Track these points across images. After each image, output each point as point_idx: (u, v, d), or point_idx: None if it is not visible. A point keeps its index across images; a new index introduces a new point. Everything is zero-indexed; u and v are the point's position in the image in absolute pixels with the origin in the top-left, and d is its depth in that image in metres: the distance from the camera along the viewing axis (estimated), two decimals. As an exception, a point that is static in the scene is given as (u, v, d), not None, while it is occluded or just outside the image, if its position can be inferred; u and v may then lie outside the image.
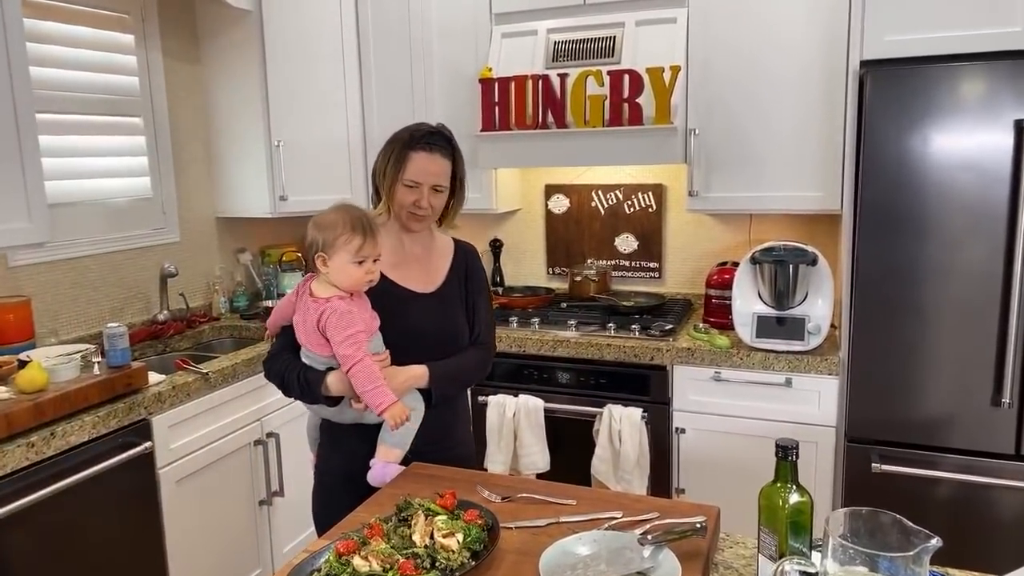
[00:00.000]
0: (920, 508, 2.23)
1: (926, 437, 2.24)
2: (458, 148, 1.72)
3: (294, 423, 2.66)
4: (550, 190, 3.25)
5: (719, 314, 2.72)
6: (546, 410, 2.67)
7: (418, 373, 1.63)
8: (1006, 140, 2.05)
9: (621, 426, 2.56)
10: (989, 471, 2.18)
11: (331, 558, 1.10)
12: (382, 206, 1.70)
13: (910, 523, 0.86)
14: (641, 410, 2.56)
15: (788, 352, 2.44)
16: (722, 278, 2.73)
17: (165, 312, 2.88)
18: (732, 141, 2.64)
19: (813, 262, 2.46)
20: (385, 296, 1.64)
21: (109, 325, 2.14)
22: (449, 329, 1.73)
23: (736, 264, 2.66)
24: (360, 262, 1.53)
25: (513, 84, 2.67)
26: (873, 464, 2.24)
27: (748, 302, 2.54)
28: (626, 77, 2.53)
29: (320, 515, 1.73)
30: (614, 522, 1.25)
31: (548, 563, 1.10)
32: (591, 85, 2.59)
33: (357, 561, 1.08)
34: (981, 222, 2.11)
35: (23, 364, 2.02)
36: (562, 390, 2.71)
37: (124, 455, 2.06)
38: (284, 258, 3.30)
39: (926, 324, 2.21)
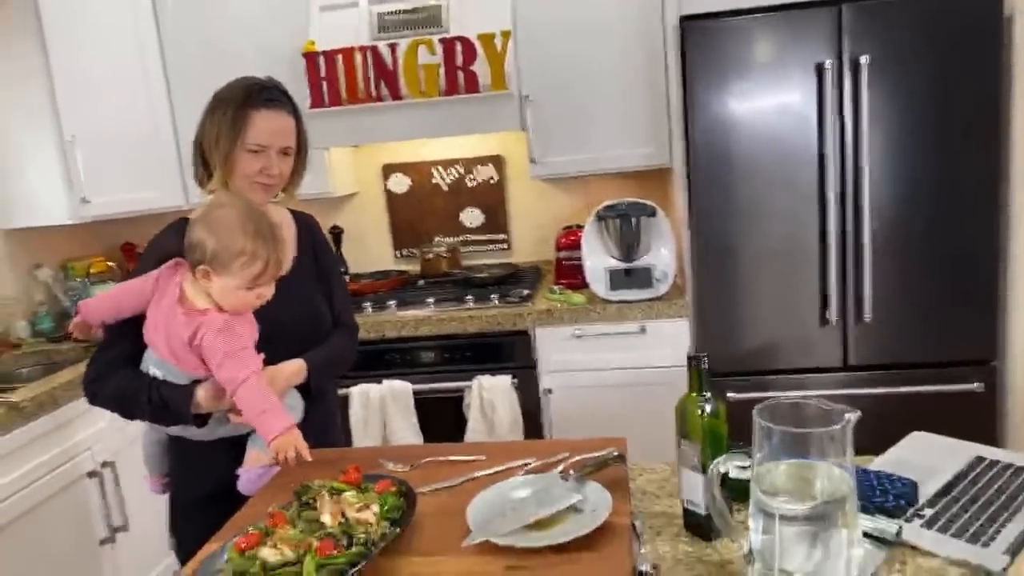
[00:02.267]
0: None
1: (768, 362, 2.44)
2: (296, 104, 1.54)
3: (133, 447, 2.36)
4: (388, 170, 3.14)
5: (571, 275, 2.78)
6: (414, 392, 2.59)
7: (296, 368, 1.45)
8: (810, 82, 2.27)
9: (493, 395, 2.54)
10: (823, 384, 2.41)
11: (232, 556, 0.97)
12: (216, 181, 1.45)
13: (828, 404, 0.90)
14: (510, 376, 2.56)
15: (640, 300, 2.54)
16: (569, 240, 2.79)
17: (-50, 344, 2.44)
18: (564, 104, 2.69)
19: (652, 214, 2.58)
20: None
21: None
22: (310, 314, 1.56)
23: (580, 227, 2.72)
24: (251, 288, 1.31)
25: (341, 57, 2.54)
26: (729, 394, 2.40)
27: (598, 259, 2.61)
28: (459, 44, 2.50)
29: (185, 544, 1.48)
30: (528, 467, 1.21)
31: (476, 514, 1.04)
32: (423, 55, 2.52)
33: (265, 552, 0.96)
34: (797, 160, 2.32)
35: None
36: (428, 370, 2.64)
37: None
38: (92, 269, 2.93)
39: (758, 260, 2.39)
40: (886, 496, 1.08)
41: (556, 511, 1.03)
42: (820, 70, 2.25)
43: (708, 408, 1.04)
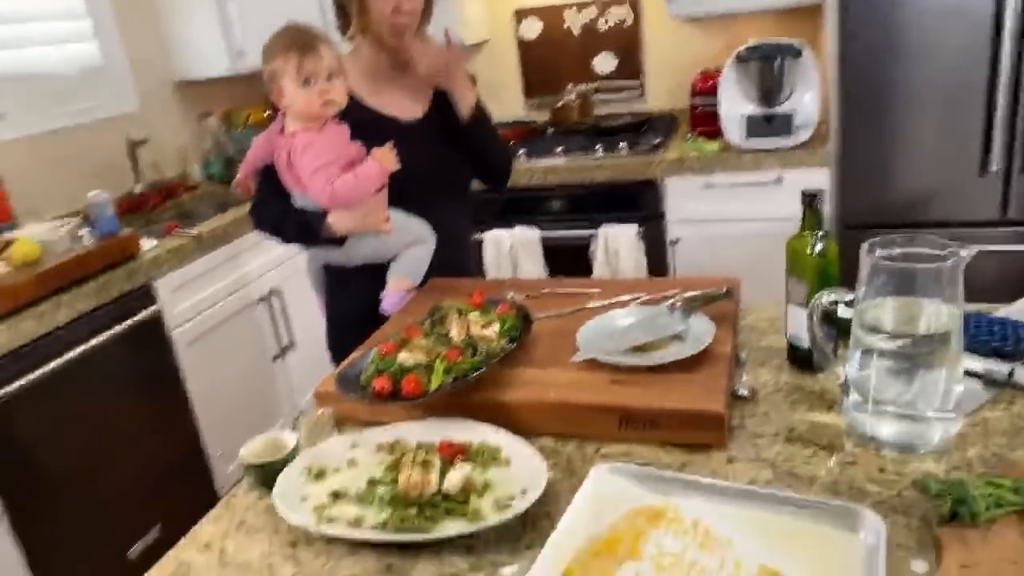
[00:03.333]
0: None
1: (919, 214, 2.30)
2: None
3: (296, 277, 2.65)
4: (520, 14, 3.09)
5: (706, 122, 2.69)
6: (542, 239, 2.69)
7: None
8: None
9: (618, 244, 2.59)
10: (977, 239, 2.25)
11: (375, 358, 1.13)
12: (354, 27, 1.53)
13: (944, 239, 0.89)
14: (636, 226, 2.59)
15: (778, 149, 2.44)
16: (706, 85, 2.68)
17: (141, 185, 2.79)
18: (709, -65, 2.50)
19: (798, 55, 2.41)
20: (366, 128, 1.47)
21: (91, 193, 2.07)
22: (448, 159, 1.62)
23: (719, 71, 2.59)
24: (307, 81, 1.36)
25: None
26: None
27: (735, 104, 2.50)
28: None
29: (338, 353, 1.67)
30: (641, 300, 1.28)
31: (586, 336, 1.14)
32: None
33: (403, 356, 1.10)
34: (971, -12, 2.05)
35: (8, 244, 1.96)
36: (556, 218, 2.71)
37: (133, 320, 2.06)
38: (249, 120, 3.17)
39: (913, 104, 2.20)
40: (1005, 341, 1.06)
41: (659, 338, 1.11)
42: None
43: (819, 247, 1.05)
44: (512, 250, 2.72)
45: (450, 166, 1.63)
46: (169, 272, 2.20)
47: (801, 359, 1.11)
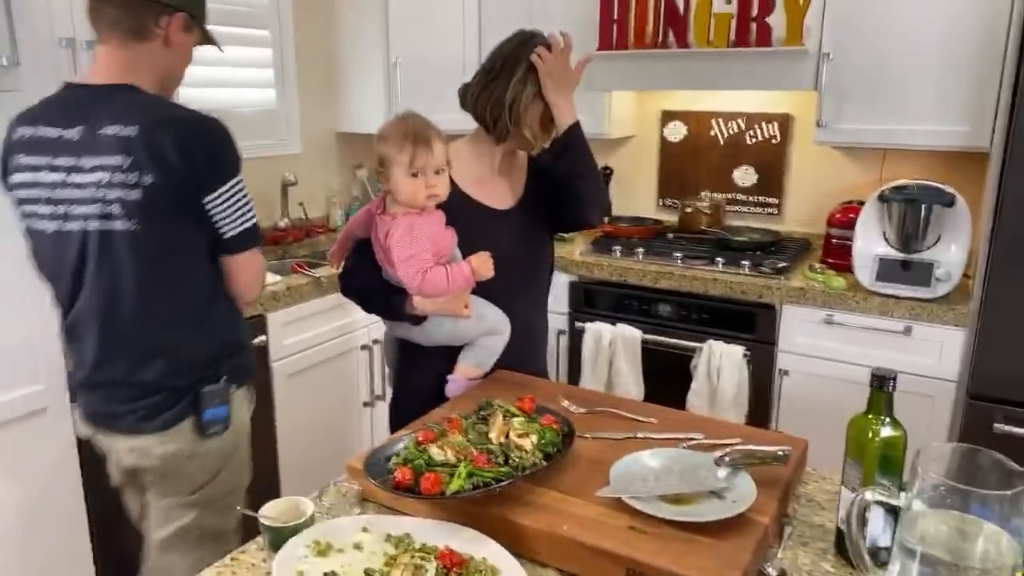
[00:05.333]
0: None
1: (1062, 400, 2.05)
2: None
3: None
4: (667, 116, 3.12)
5: (839, 255, 2.55)
6: (644, 341, 2.64)
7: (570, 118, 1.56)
8: None
9: (721, 362, 2.49)
10: None
11: (410, 444, 1.15)
12: (499, 133, 1.57)
13: (1013, 464, 0.79)
14: (743, 348, 2.48)
15: (911, 299, 2.27)
16: (845, 217, 2.55)
17: (285, 220, 3.04)
18: (869, 67, 2.41)
19: (950, 203, 2.25)
20: (461, 214, 1.51)
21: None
22: (533, 250, 1.67)
23: (863, 203, 2.47)
24: (415, 174, 1.41)
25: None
26: (995, 424, 2.07)
27: (871, 243, 2.36)
28: (757, -7, 2.36)
29: (396, 424, 1.65)
30: (693, 443, 1.22)
31: (619, 471, 1.10)
32: (717, 2, 2.43)
33: (434, 450, 1.12)
34: None
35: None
36: (662, 322, 2.65)
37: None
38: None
39: (1077, 277, 1.98)
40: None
41: (695, 491, 1.05)
42: None
43: (884, 433, 0.96)
44: (612, 346, 2.68)
45: (534, 257, 1.68)
46: (284, 308, 2.36)
47: (847, 550, 1.01)
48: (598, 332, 2.69)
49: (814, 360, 2.43)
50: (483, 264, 1.44)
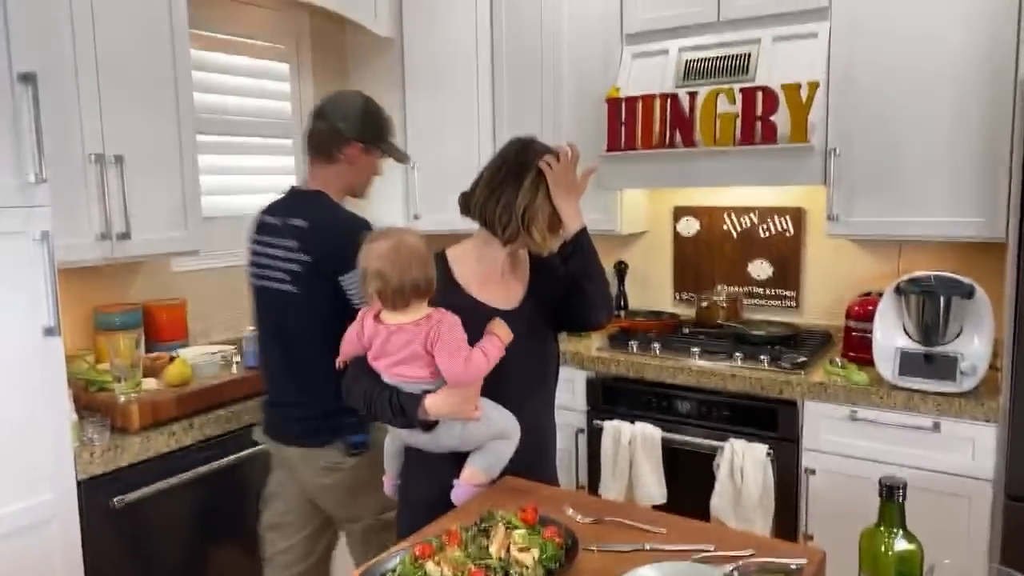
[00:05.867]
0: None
1: (1108, 501, 1.93)
2: None
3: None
4: (679, 212, 3.15)
5: (860, 348, 2.50)
6: (664, 440, 2.57)
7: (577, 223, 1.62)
8: None
9: (744, 462, 2.41)
10: None
11: (406, 559, 1.11)
12: (509, 236, 1.59)
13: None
14: (766, 447, 2.40)
15: (937, 393, 2.19)
16: (864, 309, 2.51)
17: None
18: (878, 160, 2.44)
19: (969, 294, 2.21)
20: (471, 317, 1.51)
21: (248, 330, 2.31)
22: (538, 349, 1.67)
23: (881, 294, 2.44)
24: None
25: (640, 104, 2.63)
26: (1034, 527, 1.96)
27: (891, 336, 2.32)
28: (759, 94, 2.42)
29: (404, 531, 1.61)
30: (704, 555, 1.16)
31: (623, 589, 1.05)
32: (722, 103, 2.50)
33: (430, 566, 1.08)
34: None
35: (171, 361, 2.22)
36: (682, 420, 2.59)
37: (249, 451, 2.18)
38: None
39: (1109, 370, 1.91)
40: None
41: (702, 610, 0.99)
42: None
43: (898, 547, 0.91)
44: (631, 445, 2.61)
45: (543, 354, 1.68)
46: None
47: (873, 677, 0.94)
48: (617, 431, 2.63)
49: (841, 458, 2.34)
50: (502, 327, 1.50)
